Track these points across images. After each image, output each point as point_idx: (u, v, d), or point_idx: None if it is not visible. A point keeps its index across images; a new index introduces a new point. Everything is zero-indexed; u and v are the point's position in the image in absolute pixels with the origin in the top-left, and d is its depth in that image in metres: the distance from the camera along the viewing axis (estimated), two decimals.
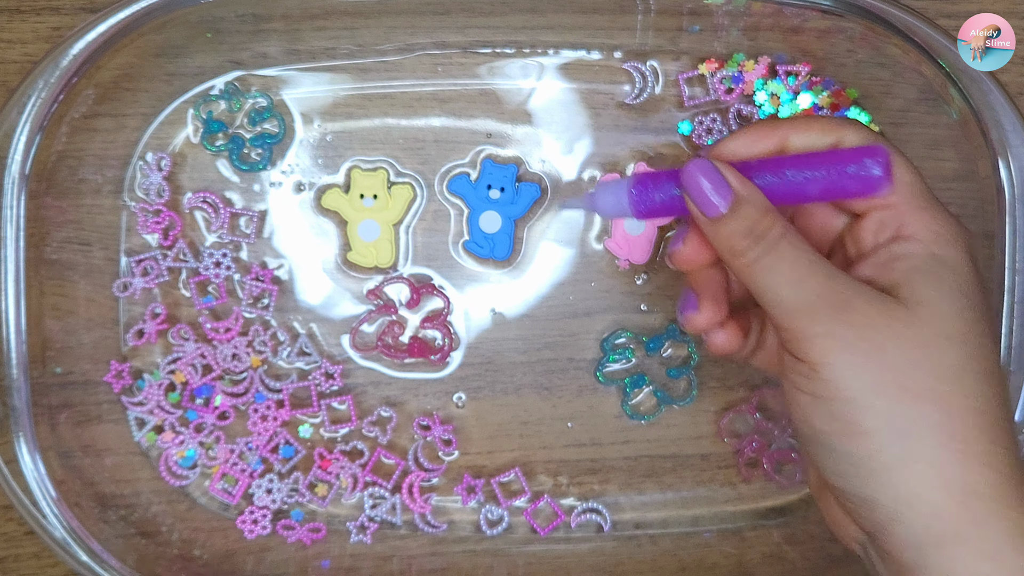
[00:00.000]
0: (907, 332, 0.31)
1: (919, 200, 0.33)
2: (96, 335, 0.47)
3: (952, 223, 0.33)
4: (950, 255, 0.32)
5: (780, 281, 0.32)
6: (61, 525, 0.43)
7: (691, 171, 0.33)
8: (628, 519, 0.49)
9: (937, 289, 0.32)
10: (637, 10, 0.47)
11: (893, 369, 0.31)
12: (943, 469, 0.30)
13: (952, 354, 0.31)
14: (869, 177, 0.32)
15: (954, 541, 0.30)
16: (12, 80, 0.47)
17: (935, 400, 0.30)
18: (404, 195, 0.48)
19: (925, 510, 0.30)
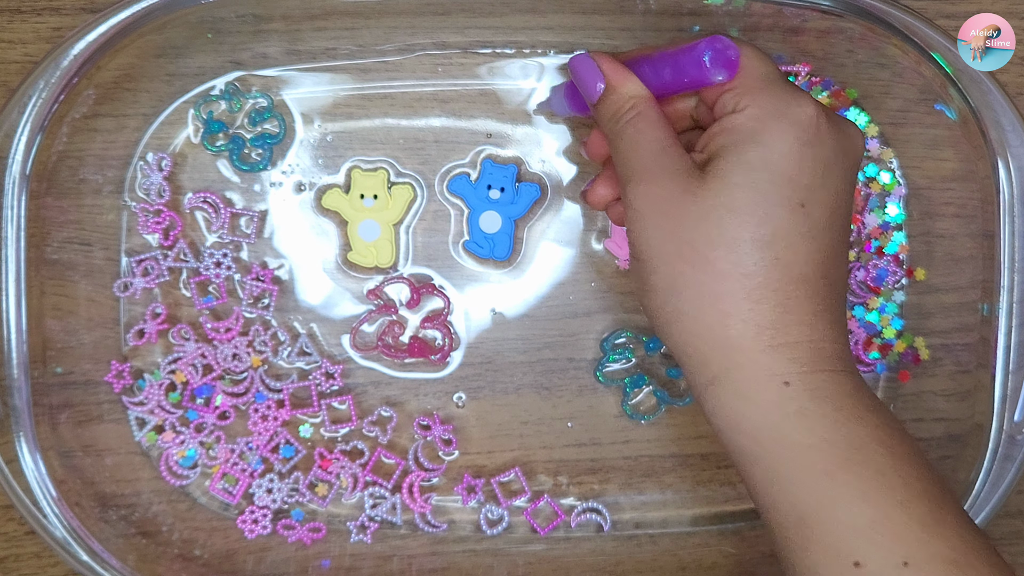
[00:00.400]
0: (693, 202, 0.35)
1: (759, 82, 0.36)
2: (97, 335, 0.48)
3: (785, 101, 0.35)
4: (767, 128, 0.35)
5: (622, 155, 0.38)
6: (62, 525, 0.43)
7: (573, 64, 0.40)
8: (628, 519, 0.49)
9: (736, 162, 0.35)
10: (637, 10, 0.47)
11: (675, 236, 0.35)
12: (706, 324, 0.35)
13: (731, 224, 0.34)
14: (712, 64, 0.36)
15: (715, 383, 0.35)
16: (13, 80, 0.47)
17: (704, 264, 0.35)
18: (404, 195, 0.48)
19: (696, 358, 0.36)
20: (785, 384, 0.34)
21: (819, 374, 0.35)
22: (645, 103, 0.38)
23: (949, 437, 0.48)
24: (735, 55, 0.36)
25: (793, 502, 0.34)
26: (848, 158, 0.36)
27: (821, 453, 0.34)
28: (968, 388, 0.46)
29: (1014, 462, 0.43)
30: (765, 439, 0.35)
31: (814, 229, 0.35)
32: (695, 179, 0.35)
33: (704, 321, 0.35)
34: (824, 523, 0.33)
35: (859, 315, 0.48)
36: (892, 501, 0.33)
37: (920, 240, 0.48)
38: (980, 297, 0.46)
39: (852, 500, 0.33)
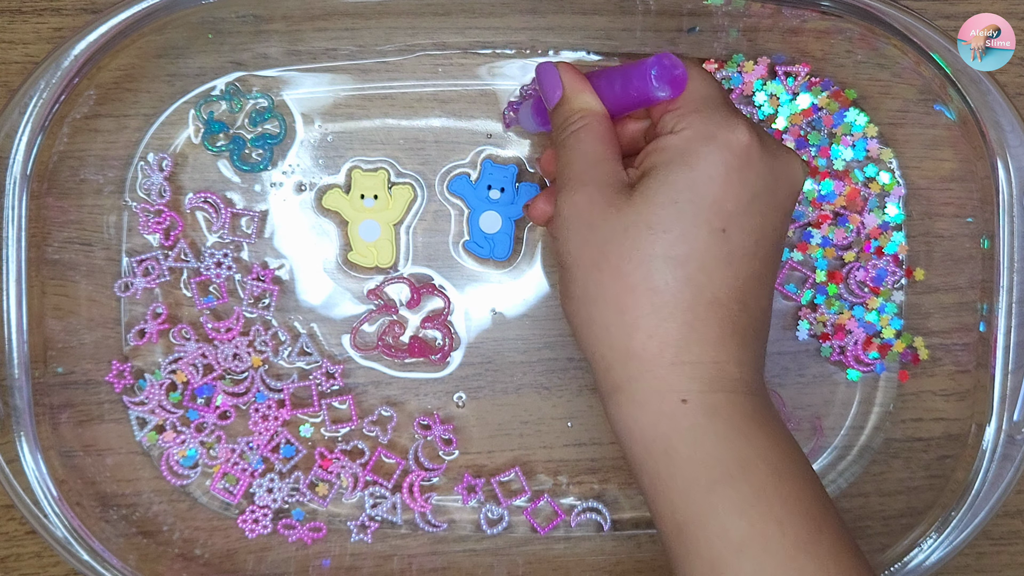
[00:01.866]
0: (616, 216, 0.36)
1: (699, 104, 0.37)
2: (97, 335, 0.48)
3: (718, 125, 0.35)
4: (697, 151, 0.35)
5: (561, 163, 0.38)
6: (62, 524, 0.43)
7: (538, 70, 0.41)
8: (628, 518, 0.49)
9: (662, 181, 0.35)
10: (637, 11, 0.47)
11: (596, 247, 0.36)
12: (612, 334, 0.36)
13: (647, 240, 0.35)
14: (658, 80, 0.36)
15: (616, 391, 0.36)
16: (14, 81, 0.47)
17: (616, 276, 0.35)
18: (404, 195, 0.48)
19: (602, 364, 0.37)
20: (683, 401, 0.35)
21: (718, 394, 0.35)
22: (594, 116, 0.39)
23: (948, 437, 0.48)
24: (681, 74, 0.37)
25: (673, 512, 0.35)
26: (782, 188, 0.37)
27: (705, 467, 0.34)
28: (967, 388, 0.46)
29: (1013, 462, 0.43)
30: (655, 449, 0.35)
31: (733, 254, 0.35)
32: (623, 194, 0.36)
33: (611, 331, 0.36)
34: (700, 536, 0.34)
35: (859, 315, 0.48)
36: (769, 519, 0.33)
37: (919, 240, 0.49)
38: (979, 297, 0.46)
39: (729, 515, 0.34)
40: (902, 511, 0.47)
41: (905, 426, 0.49)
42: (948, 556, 0.44)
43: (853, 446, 0.49)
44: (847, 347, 0.48)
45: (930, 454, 0.48)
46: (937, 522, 0.44)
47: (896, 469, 0.49)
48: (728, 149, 0.35)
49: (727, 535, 0.34)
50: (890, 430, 0.49)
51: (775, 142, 0.37)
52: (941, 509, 0.45)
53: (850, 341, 0.48)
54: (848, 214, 0.48)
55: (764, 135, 0.37)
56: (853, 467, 0.49)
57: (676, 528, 0.35)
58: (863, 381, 0.49)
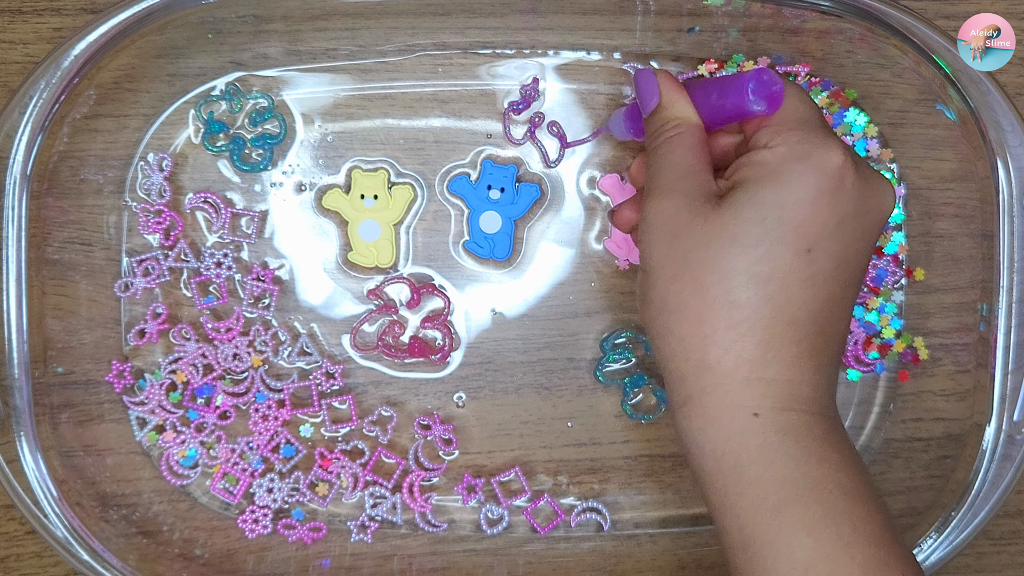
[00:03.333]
0: (702, 227, 0.35)
1: (795, 122, 0.36)
2: (97, 335, 0.48)
3: (814, 145, 0.35)
4: (789, 170, 0.35)
5: (651, 170, 0.38)
6: (62, 524, 0.43)
7: (637, 76, 0.41)
8: (628, 518, 0.49)
9: (751, 196, 0.35)
10: (637, 11, 0.47)
11: (679, 257, 0.36)
12: (688, 345, 0.36)
13: (730, 255, 0.35)
14: (755, 94, 0.36)
15: (687, 403, 0.36)
16: (14, 81, 0.47)
17: (697, 288, 0.35)
18: (404, 195, 0.48)
19: (675, 375, 0.36)
20: (754, 416, 0.35)
21: (790, 412, 0.35)
22: (689, 127, 0.39)
23: (948, 437, 0.48)
24: (778, 90, 0.37)
25: (741, 528, 0.35)
26: (871, 214, 0.36)
27: (775, 487, 0.34)
28: (967, 388, 0.46)
29: (1013, 462, 0.43)
30: (725, 465, 0.35)
31: (816, 276, 0.35)
32: (710, 205, 0.36)
33: (688, 342, 0.36)
34: (766, 554, 0.34)
35: (859, 315, 0.48)
36: (837, 542, 0.33)
37: (919, 240, 0.49)
38: (979, 297, 0.46)
39: (796, 535, 0.33)
40: (902, 511, 0.47)
41: (905, 426, 0.49)
42: (948, 556, 0.44)
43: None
44: (847, 347, 0.48)
45: (930, 454, 0.48)
46: (937, 522, 0.44)
47: (896, 469, 0.49)
48: (821, 171, 0.35)
49: (794, 556, 0.33)
50: (890, 430, 0.49)
51: (869, 168, 0.37)
52: (941, 509, 0.45)
53: (850, 341, 0.48)
54: None
55: (859, 160, 0.36)
56: None
57: (742, 545, 0.35)
58: (863, 381, 0.49)
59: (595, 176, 0.48)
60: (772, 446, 0.35)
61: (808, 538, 0.33)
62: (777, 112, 0.37)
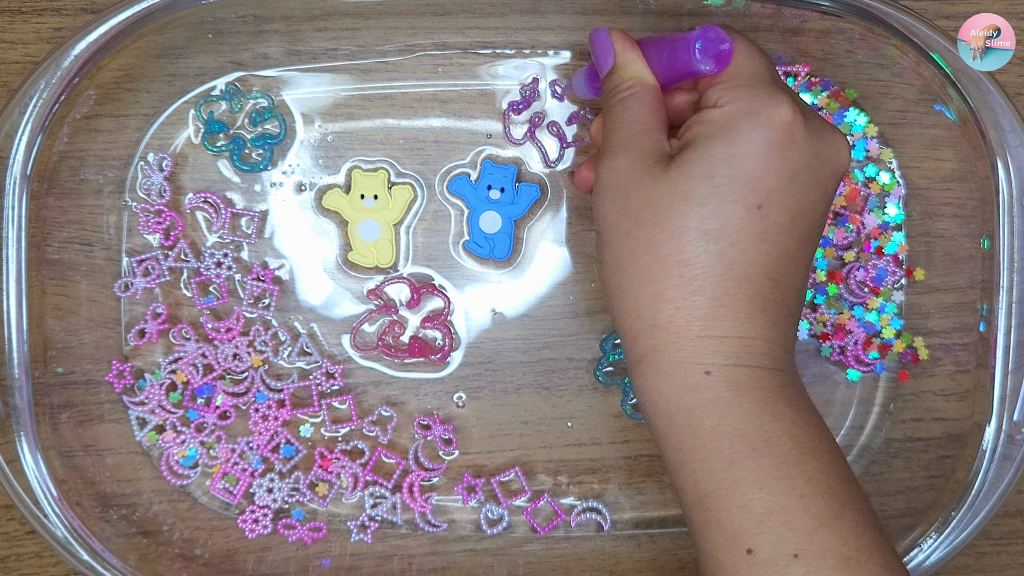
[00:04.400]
0: (653, 185, 0.36)
1: (745, 79, 0.36)
2: (97, 335, 0.48)
3: (762, 102, 0.35)
4: (738, 126, 0.35)
5: (606, 130, 0.39)
6: (62, 524, 0.43)
7: (592, 36, 0.41)
8: (628, 518, 0.49)
9: (701, 154, 0.35)
10: (637, 11, 0.47)
11: (630, 215, 0.36)
12: (640, 304, 0.36)
13: (680, 213, 0.35)
14: (702, 54, 0.36)
15: (642, 361, 0.36)
16: (14, 81, 0.47)
17: (648, 246, 0.35)
18: (404, 195, 0.48)
19: (630, 335, 0.37)
20: (706, 373, 0.35)
21: (743, 368, 0.35)
22: (643, 86, 0.39)
23: (948, 437, 0.48)
24: (727, 47, 0.37)
25: (696, 484, 0.35)
26: (825, 167, 0.36)
27: (728, 440, 0.34)
28: (967, 388, 0.46)
29: (1013, 462, 0.43)
30: (678, 421, 0.35)
31: (768, 232, 0.35)
32: (661, 164, 0.36)
33: (640, 301, 0.36)
34: (721, 508, 0.34)
35: (859, 315, 0.48)
36: (791, 493, 0.33)
37: (919, 240, 0.49)
38: (979, 297, 0.46)
39: (750, 488, 0.34)
40: (902, 511, 0.47)
41: (905, 426, 0.49)
42: (948, 556, 0.44)
43: (853, 446, 0.49)
44: (847, 347, 0.49)
45: (930, 454, 0.49)
46: (937, 522, 0.44)
47: (896, 469, 0.49)
48: (770, 126, 0.35)
49: (748, 508, 0.34)
50: (890, 430, 0.49)
51: (821, 120, 0.37)
52: (941, 509, 0.45)
53: (850, 341, 0.48)
54: (848, 214, 0.48)
55: (809, 113, 0.36)
56: (853, 467, 0.49)
57: (697, 499, 0.35)
58: (863, 381, 0.49)
59: None
60: (725, 401, 0.35)
61: (762, 491, 0.34)
62: (727, 69, 0.37)
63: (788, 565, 0.33)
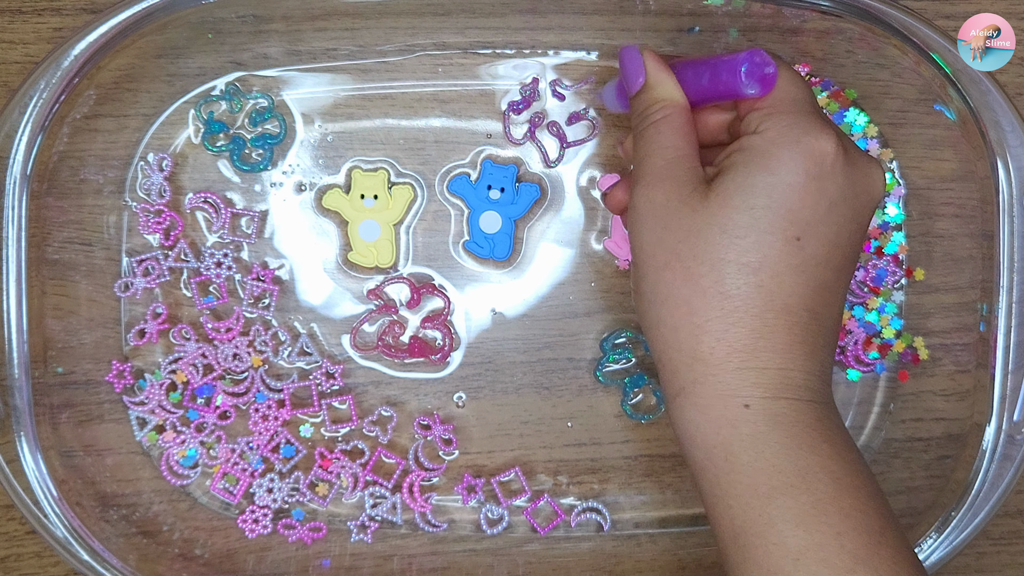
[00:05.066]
0: (691, 216, 0.35)
1: (786, 106, 0.36)
2: (97, 335, 0.48)
3: (804, 131, 0.35)
4: (778, 155, 0.35)
5: (639, 155, 0.38)
6: (62, 524, 0.43)
7: (621, 55, 0.40)
8: (628, 518, 0.49)
9: (740, 183, 0.35)
10: (637, 11, 0.47)
11: (669, 246, 0.36)
12: (680, 336, 0.36)
13: (720, 245, 0.35)
14: (748, 77, 0.36)
15: (680, 394, 0.36)
16: (14, 81, 0.47)
17: (687, 278, 0.35)
18: (404, 195, 0.48)
19: (668, 367, 0.36)
20: (745, 407, 0.35)
21: (781, 400, 0.35)
22: (675, 108, 0.38)
23: (948, 437, 0.48)
24: (772, 72, 0.36)
25: (732, 519, 0.35)
26: (861, 198, 0.36)
27: (765, 476, 0.34)
28: (967, 388, 0.46)
29: (1013, 462, 0.43)
30: (716, 455, 0.35)
31: (806, 263, 0.35)
32: (698, 193, 0.36)
33: (679, 333, 0.36)
34: (757, 544, 0.34)
35: (859, 315, 0.48)
36: (827, 531, 0.33)
37: (919, 240, 0.49)
38: (979, 297, 0.46)
39: (787, 525, 0.33)
40: (902, 511, 0.47)
41: (905, 426, 0.49)
42: (948, 556, 0.44)
43: None
44: (847, 347, 0.49)
45: (930, 454, 0.49)
46: (937, 522, 0.44)
47: (896, 469, 0.49)
48: (810, 156, 0.35)
49: (785, 545, 0.33)
50: (890, 430, 0.49)
51: (857, 151, 0.37)
52: (941, 509, 0.45)
53: (850, 341, 0.48)
54: None
55: (849, 144, 0.36)
56: None
57: (733, 534, 0.35)
58: (863, 381, 0.49)
59: (595, 176, 0.48)
60: (762, 435, 0.34)
61: (798, 528, 0.33)
62: (768, 95, 0.36)
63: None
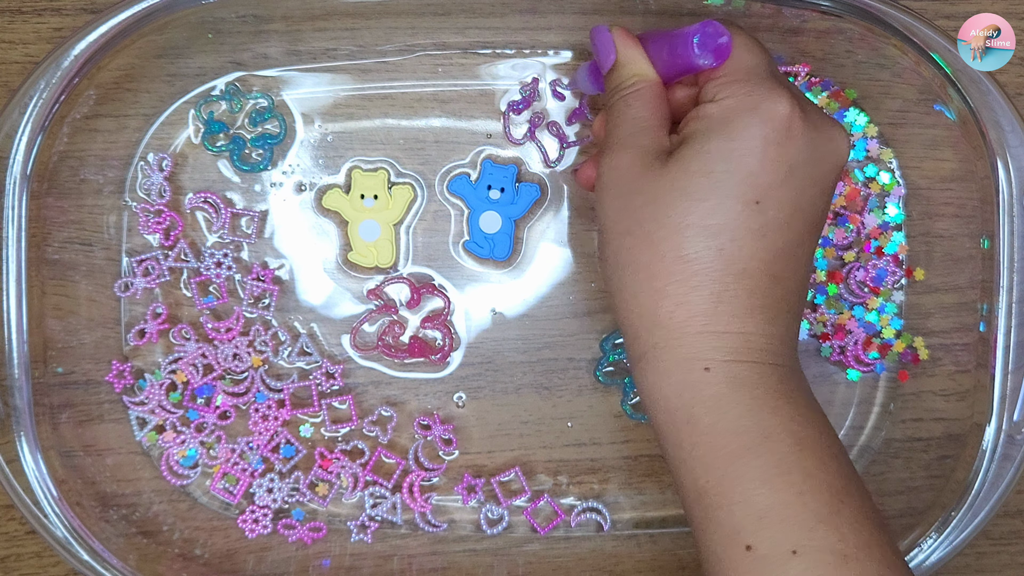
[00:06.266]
0: (652, 182, 0.36)
1: (743, 73, 0.36)
2: (97, 335, 0.48)
3: (760, 96, 0.35)
4: (736, 121, 0.35)
5: (608, 127, 0.39)
6: (62, 524, 0.43)
7: (593, 34, 0.41)
8: (628, 518, 0.49)
9: (699, 150, 0.35)
10: (637, 11, 0.47)
11: (630, 213, 0.36)
12: (641, 301, 0.36)
13: (679, 209, 0.35)
14: (700, 48, 0.36)
15: (642, 359, 0.36)
16: (14, 81, 0.47)
17: (648, 243, 0.35)
18: (404, 195, 0.48)
19: (631, 332, 0.37)
20: (705, 370, 0.35)
21: (742, 364, 0.35)
22: (646, 82, 0.39)
23: (948, 437, 0.48)
24: (726, 41, 0.37)
25: (695, 480, 0.35)
26: (823, 162, 0.36)
27: (727, 437, 0.34)
28: (967, 388, 0.46)
29: (1013, 462, 0.43)
30: (678, 418, 0.35)
31: (766, 227, 0.35)
32: (660, 161, 0.36)
33: (640, 298, 0.36)
34: (721, 504, 0.34)
35: (859, 315, 0.48)
36: (789, 490, 0.33)
37: (919, 240, 0.49)
38: (979, 297, 0.46)
39: (750, 485, 0.34)
40: (902, 511, 0.47)
41: (905, 426, 0.49)
42: (948, 556, 0.44)
43: (853, 446, 0.49)
44: (847, 347, 0.49)
45: (930, 454, 0.49)
46: (937, 522, 0.44)
47: (896, 469, 0.49)
48: (768, 121, 0.35)
49: (747, 504, 0.34)
50: (890, 430, 0.49)
51: (820, 114, 0.37)
52: (941, 509, 0.45)
53: (850, 341, 0.48)
54: (848, 214, 0.48)
55: (808, 106, 0.36)
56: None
57: (697, 496, 0.35)
58: (863, 381, 0.49)
59: None
60: (724, 397, 0.35)
61: (761, 487, 0.34)
62: (725, 63, 0.37)
63: (787, 562, 0.33)
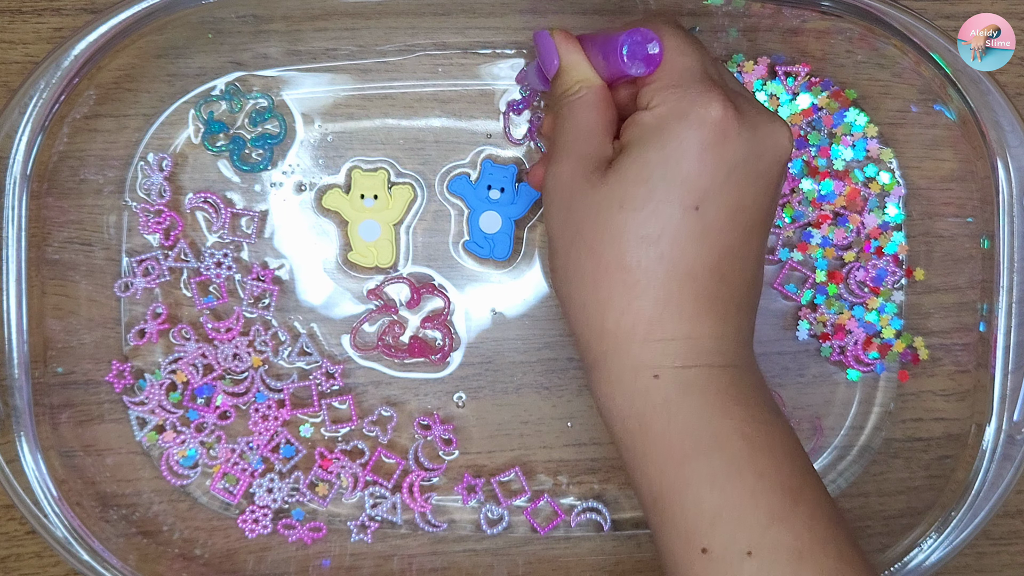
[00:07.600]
0: (592, 194, 0.36)
1: (676, 78, 0.36)
2: (97, 335, 0.48)
3: (692, 101, 0.35)
4: (669, 129, 0.35)
5: (555, 134, 0.39)
6: (62, 524, 0.43)
7: (536, 39, 0.40)
8: (628, 518, 0.49)
9: (635, 159, 0.35)
10: (637, 11, 0.47)
11: (573, 224, 0.36)
12: (588, 311, 0.36)
13: (618, 219, 0.35)
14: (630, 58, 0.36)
15: (593, 368, 0.37)
16: (14, 81, 0.47)
17: (591, 255, 0.36)
18: (404, 195, 0.48)
19: (581, 342, 0.37)
20: (654, 377, 0.35)
21: (691, 369, 0.35)
22: (589, 88, 0.38)
23: (948, 437, 0.48)
24: (656, 49, 0.36)
25: (650, 484, 0.35)
26: (764, 158, 0.36)
27: (679, 441, 0.35)
28: (967, 388, 0.46)
29: (1013, 462, 0.43)
30: (631, 426, 0.36)
31: (708, 230, 0.35)
32: (600, 170, 0.36)
33: (587, 309, 0.36)
34: (675, 507, 0.34)
35: (859, 315, 0.48)
36: (742, 490, 0.34)
37: (919, 240, 0.49)
38: (979, 297, 0.46)
39: (701, 487, 0.34)
40: (902, 511, 0.47)
41: (905, 426, 0.49)
42: (948, 556, 0.44)
43: (853, 446, 0.49)
44: (847, 347, 0.49)
45: (930, 454, 0.49)
46: (937, 522, 0.44)
47: (896, 469, 0.49)
48: (701, 126, 0.35)
49: (701, 507, 0.34)
50: (890, 430, 0.49)
51: (757, 109, 0.36)
52: (941, 509, 0.45)
53: (850, 341, 0.48)
54: (848, 214, 0.48)
55: (744, 105, 0.36)
56: (853, 467, 0.49)
57: (652, 500, 0.35)
58: (863, 381, 0.49)
59: None
60: (674, 403, 0.35)
61: (713, 489, 0.34)
62: (659, 67, 0.36)
63: (742, 562, 0.33)
